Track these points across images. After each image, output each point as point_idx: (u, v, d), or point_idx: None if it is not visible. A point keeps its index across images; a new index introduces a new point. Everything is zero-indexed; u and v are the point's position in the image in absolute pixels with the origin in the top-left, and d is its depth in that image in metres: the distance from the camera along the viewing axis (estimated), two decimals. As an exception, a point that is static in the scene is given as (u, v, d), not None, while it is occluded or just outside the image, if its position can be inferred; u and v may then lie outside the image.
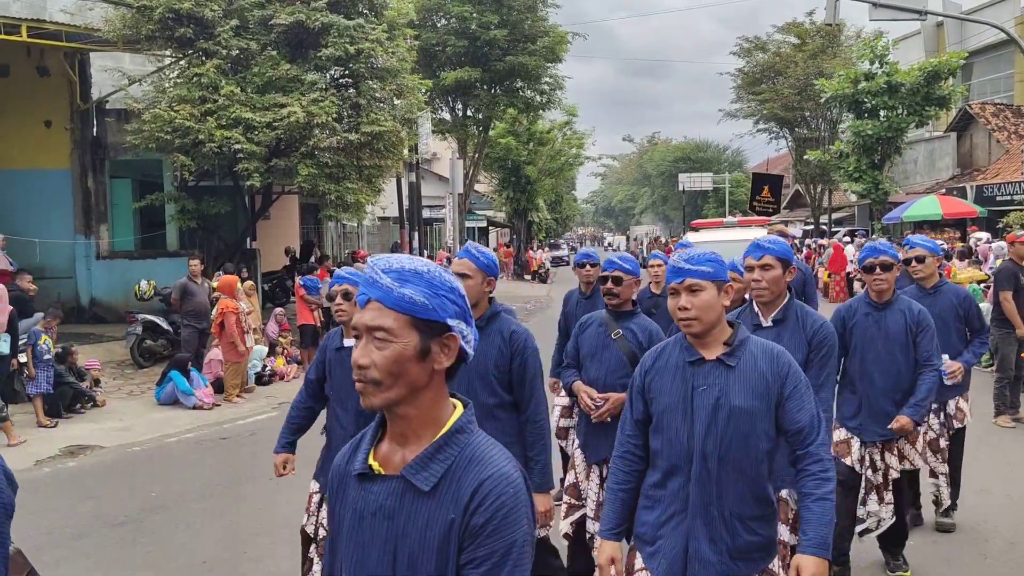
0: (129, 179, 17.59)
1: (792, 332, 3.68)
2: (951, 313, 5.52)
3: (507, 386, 3.67)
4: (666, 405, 2.77)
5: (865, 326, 4.71)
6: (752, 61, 37.09)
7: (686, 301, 2.79)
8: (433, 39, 26.00)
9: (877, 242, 4.95)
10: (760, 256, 3.75)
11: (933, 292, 5.55)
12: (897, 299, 4.73)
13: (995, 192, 23.97)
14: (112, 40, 13.99)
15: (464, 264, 3.70)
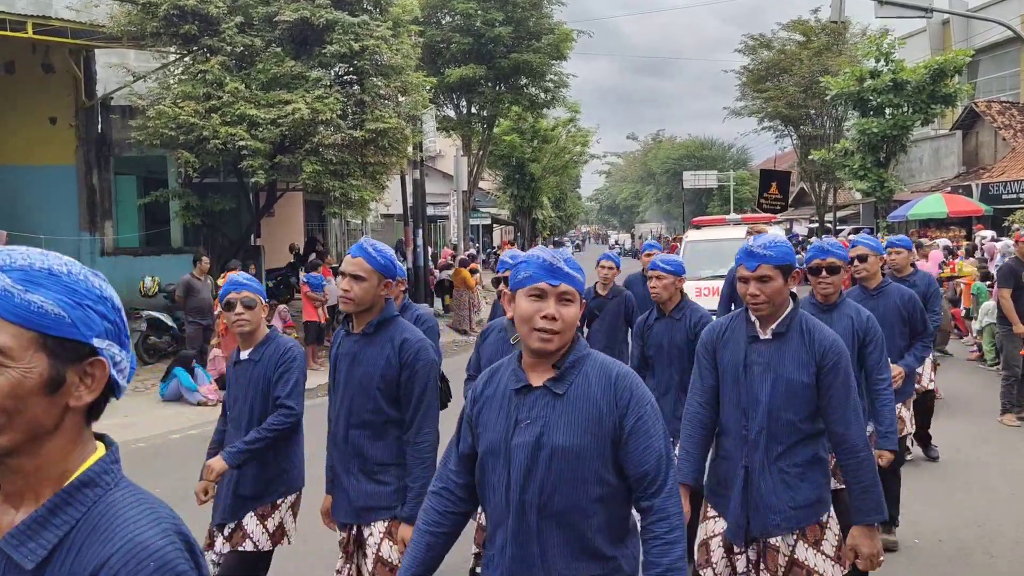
0: (134, 176, 17.61)
1: (796, 349, 3.14)
2: (895, 314, 5.28)
3: (396, 401, 3.29)
4: (488, 445, 2.29)
5: None
6: (757, 59, 37.01)
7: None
8: (438, 36, 25.98)
9: (825, 242, 4.70)
10: (755, 267, 3.15)
11: (876, 293, 5.32)
12: (843, 303, 4.37)
13: (1001, 190, 23.90)
14: (117, 37, 14.00)
15: (357, 264, 3.23)
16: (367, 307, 3.27)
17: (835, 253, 4.40)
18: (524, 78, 28.23)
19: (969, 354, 12.46)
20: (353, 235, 29.53)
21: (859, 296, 5.26)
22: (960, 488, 6.55)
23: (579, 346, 2.28)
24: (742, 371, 3.19)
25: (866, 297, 5.25)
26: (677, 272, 5.11)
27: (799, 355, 3.13)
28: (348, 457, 3.35)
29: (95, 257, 16.29)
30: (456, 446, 2.43)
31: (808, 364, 3.11)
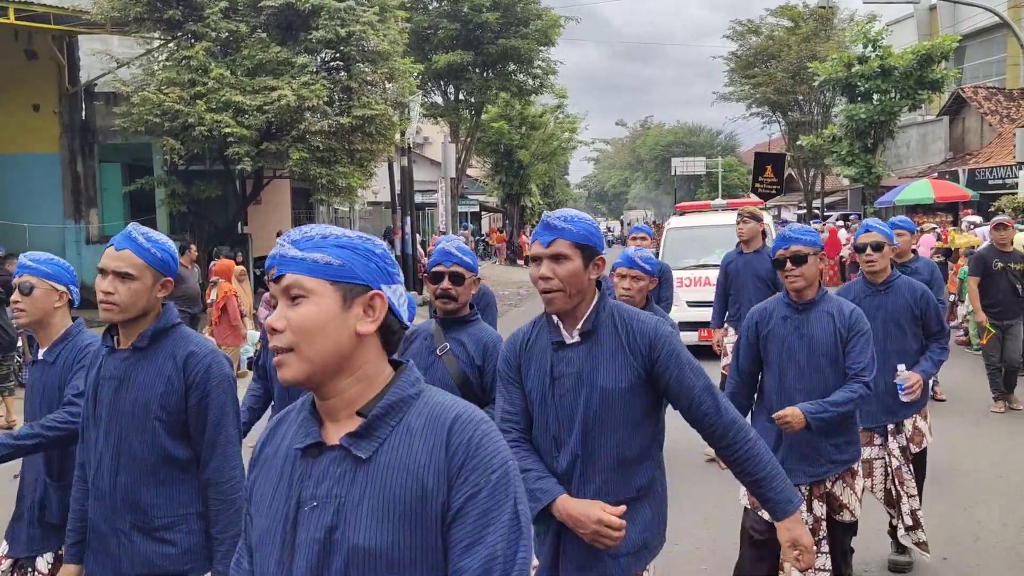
0: (118, 163, 17.47)
1: (613, 350, 2.50)
2: (906, 314, 4.60)
3: (183, 434, 2.54)
4: (259, 537, 1.52)
5: (783, 333, 3.73)
6: (745, 44, 36.96)
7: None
8: (425, 22, 25.83)
9: (788, 228, 3.86)
10: (548, 241, 2.45)
11: (884, 289, 4.62)
12: (823, 299, 3.71)
13: (987, 176, 23.99)
14: (100, 23, 13.86)
15: (124, 258, 2.50)
16: (138, 314, 2.53)
17: (800, 239, 3.65)
18: (512, 64, 28.12)
19: (956, 338, 12.55)
20: (341, 223, 29.43)
21: (862, 292, 4.65)
22: (947, 473, 6.59)
23: (402, 382, 1.50)
24: (548, 387, 2.55)
25: (871, 293, 4.64)
26: (654, 273, 4.52)
27: (616, 356, 2.50)
28: (117, 512, 2.51)
29: (80, 245, 16.17)
30: (243, 533, 1.61)
31: (629, 365, 2.49)
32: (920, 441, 4.80)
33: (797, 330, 3.69)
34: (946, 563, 4.91)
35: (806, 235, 3.73)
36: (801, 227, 3.86)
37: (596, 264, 2.50)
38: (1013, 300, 8.45)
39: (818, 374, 3.63)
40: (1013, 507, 5.75)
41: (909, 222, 6.20)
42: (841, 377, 3.62)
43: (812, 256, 3.65)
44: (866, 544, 5.14)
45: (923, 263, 6.07)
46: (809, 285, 3.66)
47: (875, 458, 4.65)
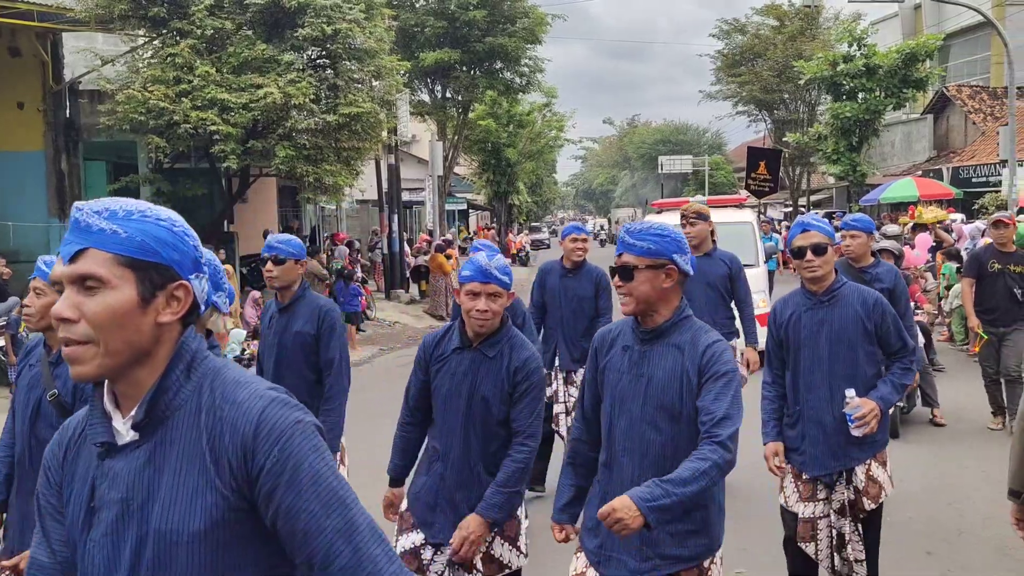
0: (103, 161, 17.35)
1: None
2: (855, 328, 3.81)
3: None
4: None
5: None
6: (731, 43, 37.12)
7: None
8: (411, 20, 25.77)
9: (626, 229, 2.98)
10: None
11: (828, 299, 3.83)
12: (675, 329, 2.75)
13: (971, 174, 24.18)
14: (84, 20, 13.75)
15: None
16: None
17: (633, 247, 2.67)
18: (499, 62, 28.10)
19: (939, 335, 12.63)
20: (328, 221, 29.33)
21: (802, 305, 3.91)
22: (931, 467, 6.65)
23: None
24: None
25: (812, 306, 3.86)
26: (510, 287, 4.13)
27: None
28: None
29: (65, 244, 16.06)
30: None
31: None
32: (876, 494, 3.85)
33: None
34: (930, 557, 4.96)
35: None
36: (642, 229, 3.42)
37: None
38: (1011, 305, 7.42)
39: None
40: (997, 501, 5.80)
41: (866, 220, 5.44)
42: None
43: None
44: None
45: (885, 269, 5.33)
46: (637, 304, 2.69)
47: (819, 516, 3.85)
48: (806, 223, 3.87)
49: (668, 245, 2.65)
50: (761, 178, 24.47)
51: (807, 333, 3.84)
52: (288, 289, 4.20)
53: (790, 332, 3.89)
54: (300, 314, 4.15)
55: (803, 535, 3.86)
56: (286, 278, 4.17)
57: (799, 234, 3.84)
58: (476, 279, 3.11)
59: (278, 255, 4.14)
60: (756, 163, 24.80)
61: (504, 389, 3.15)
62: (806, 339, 3.84)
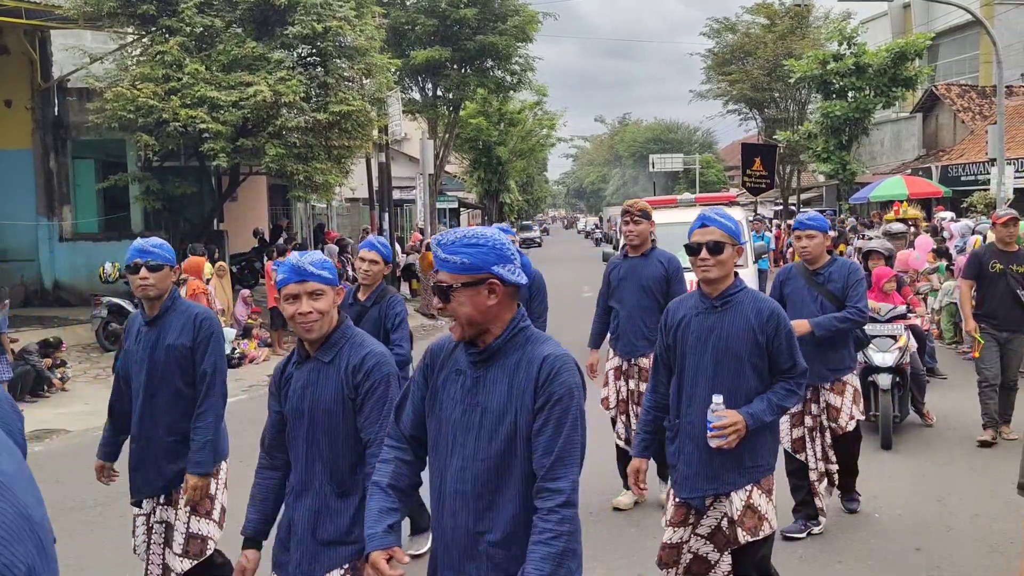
0: (92, 160, 17.28)
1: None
2: (745, 340, 3.42)
3: None
4: None
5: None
6: (722, 42, 37.18)
7: None
8: (402, 17, 25.72)
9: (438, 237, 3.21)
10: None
11: (721, 304, 3.47)
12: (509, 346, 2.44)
13: (960, 172, 24.28)
14: (73, 17, 13.69)
15: None
16: None
17: (447, 263, 2.28)
18: (490, 61, 28.09)
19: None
20: (318, 219, 29.28)
21: (694, 308, 3.54)
22: (921, 463, 6.67)
23: None
24: None
25: (704, 310, 3.50)
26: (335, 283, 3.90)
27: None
28: None
29: (53, 242, 15.98)
30: None
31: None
32: (754, 527, 3.39)
33: None
34: (918, 553, 4.97)
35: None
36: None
37: None
38: (1013, 308, 6.90)
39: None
40: (985, 498, 5.83)
41: (821, 219, 5.23)
42: None
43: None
44: (841, 530, 5.20)
45: (838, 267, 5.11)
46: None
47: (685, 541, 3.54)
48: (706, 217, 3.44)
49: (486, 257, 2.24)
50: (757, 174, 24.00)
51: (694, 339, 3.49)
52: (159, 299, 3.76)
53: (678, 336, 3.55)
54: (172, 326, 3.73)
55: (665, 561, 3.53)
56: (161, 286, 3.73)
57: (696, 229, 3.45)
58: (291, 280, 2.80)
59: (152, 261, 3.70)
60: (751, 159, 24.19)
61: (345, 394, 2.80)
62: (692, 346, 3.49)
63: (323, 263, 2.88)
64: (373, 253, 4.87)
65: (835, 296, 5.05)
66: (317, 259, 2.87)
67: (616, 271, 5.79)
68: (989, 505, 5.68)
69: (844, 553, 4.97)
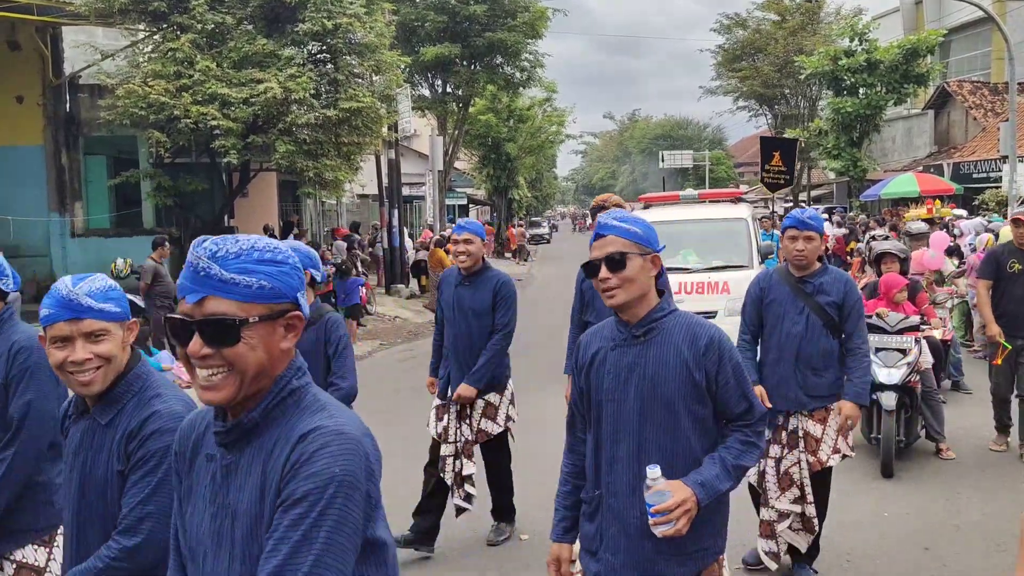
0: (104, 156, 17.37)
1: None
2: (676, 380, 2.53)
3: None
4: None
5: None
6: (732, 38, 37.09)
7: None
8: (412, 14, 25.75)
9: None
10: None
11: (643, 333, 2.56)
12: None
13: (971, 170, 24.16)
14: (84, 14, 13.77)
15: None
16: None
17: (231, 289, 1.62)
18: (499, 57, 28.09)
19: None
20: (328, 216, 29.35)
21: (610, 339, 2.63)
22: (929, 462, 6.66)
23: None
24: None
25: (623, 341, 2.58)
26: None
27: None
28: None
29: (65, 239, 16.08)
30: None
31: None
32: None
33: None
34: (926, 552, 4.98)
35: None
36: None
37: None
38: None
39: None
40: (993, 497, 5.82)
41: (820, 220, 4.47)
42: None
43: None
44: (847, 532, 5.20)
45: (833, 277, 4.42)
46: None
47: None
48: (605, 225, 2.57)
49: (290, 279, 1.61)
50: (776, 170, 22.56)
51: (612, 381, 2.57)
52: None
53: (592, 378, 2.64)
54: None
55: None
56: None
57: (592, 243, 2.60)
58: (59, 318, 2.16)
59: None
60: (770, 153, 22.60)
61: (116, 470, 2.16)
62: (610, 390, 2.58)
63: (107, 292, 2.22)
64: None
65: (824, 311, 4.33)
66: (99, 287, 2.21)
67: (589, 282, 4.60)
68: (997, 504, 5.67)
69: (852, 552, 4.98)
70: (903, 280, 6.92)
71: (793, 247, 4.36)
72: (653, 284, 2.58)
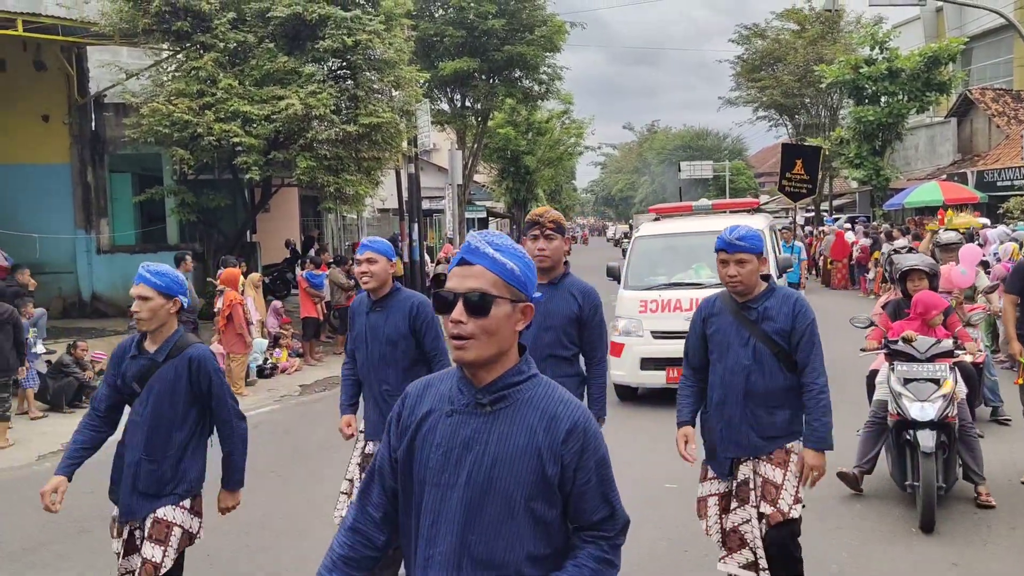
0: (129, 173, 17.59)
1: None
2: (524, 467, 1.95)
3: None
4: None
5: None
6: (751, 48, 37.02)
7: None
8: (431, 29, 25.91)
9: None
10: None
11: (490, 401, 1.99)
12: None
13: (995, 177, 23.93)
14: (109, 34, 13.97)
15: None
16: None
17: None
18: (518, 71, 28.19)
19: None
20: (349, 230, 29.52)
21: (452, 402, 2.04)
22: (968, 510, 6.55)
23: None
24: None
25: (463, 409, 2.01)
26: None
27: None
28: None
29: (91, 255, 16.27)
30: None
31: None
32: None
33: None
34: (955, 568, 4.90)
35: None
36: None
37: None
38: None
39: None
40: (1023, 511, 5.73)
41: (755, 238, 3.79)
42: None
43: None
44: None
45: (779, 300, 3.84)
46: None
47: None
48: (470, 247, 1.99)
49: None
50: (798, 178, 21.63)
51: (440, 459, 1.97)
52: None
53: (416, 448, 2.03)
54: None
55: None
56: None
57: (455, 267, 2.01)
58: None
59: None
60: (792, 161, 21.66)
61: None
62: (436, 470, 1.97)
63: None
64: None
65: (772, 340, 3.78)
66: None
67: None
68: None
69: (881, 567, 4.92)
70: (943, 302, 5.91)
71: (725, 272, 3.81)
72: (516, 340, 2.02)
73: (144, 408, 3.63)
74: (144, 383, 3.63)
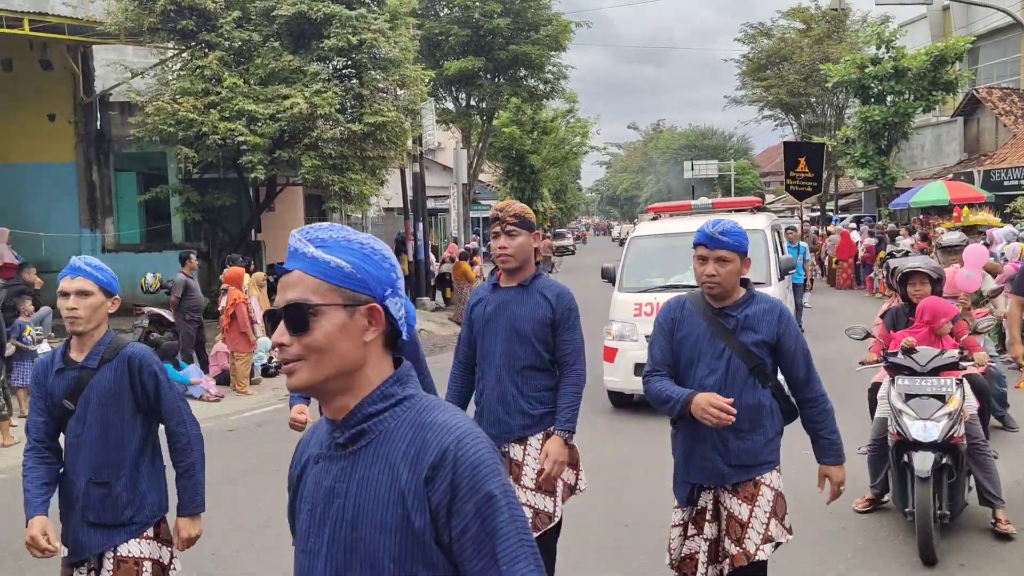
0: (134, 172, 17.63)
1: None
2: (389, 525, 1.48)
3: None
4: None
5: None
6: (757, 47, 36.95)
7: None
8: (436, 28, 25.92)
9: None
10: None
11: (348, 439, 1.55)
12: None
13: (1002, 177, 23.83)
14: (114, 33, 13.99)
15: None
16: None
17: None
18: (523, 70, 28.18)
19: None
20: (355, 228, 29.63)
21: (318, 444, 1.63)
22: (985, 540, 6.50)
23: None
24: None
25: (326, 453, 1.58)
26: None
27: None
28: None
29: (96, 253, 16.31)
30: None
31: None
32: None
33: None
34: (963, 568, 4.87)
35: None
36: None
37: None
38: None
39: None
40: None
41: (739, 235, 3.28)
42: None
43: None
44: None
45: (761, 309, 3.34)
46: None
47: None
48: (289, 250, 1.62)
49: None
50: (802, 177, 20.48)
51: (306, 518, 1.60)
52: None
53: (298, 511, 1.65)
54: None
55: None
56: None
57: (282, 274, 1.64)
58: None
59: None
60: (795, 160, 20.37)
61: None
62: (303, 534, 1.60)
63: None
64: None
65: (751, 352, 3.28)
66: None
67: (481, 307, 3.83)
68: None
69: (887, 570, 4.89)
70: (952, 308, 5.42)
71: (702, 271, 3.27)
72: (377, 354, 1.57)
73: (82, 426, 3.08)
74: (77, 398, 3.09)
